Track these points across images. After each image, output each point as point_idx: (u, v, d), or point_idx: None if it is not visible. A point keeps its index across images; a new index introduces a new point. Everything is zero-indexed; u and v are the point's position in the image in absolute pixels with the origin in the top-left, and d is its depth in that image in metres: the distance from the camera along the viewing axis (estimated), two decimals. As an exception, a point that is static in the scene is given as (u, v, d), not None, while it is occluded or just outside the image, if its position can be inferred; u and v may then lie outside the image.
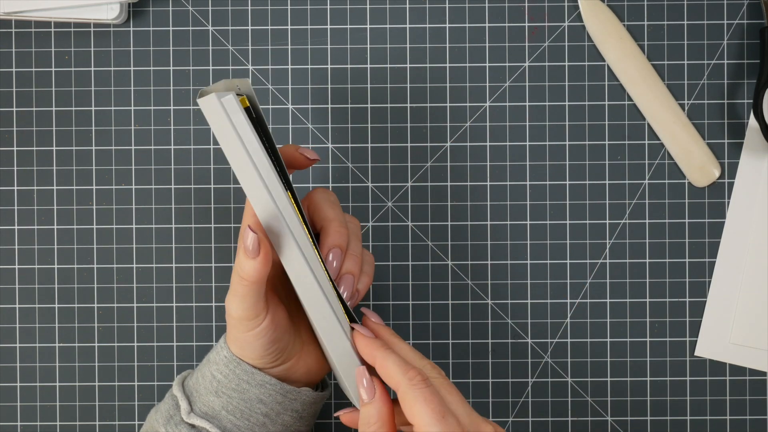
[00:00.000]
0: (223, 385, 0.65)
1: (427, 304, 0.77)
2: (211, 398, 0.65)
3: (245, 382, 0.64)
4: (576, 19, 0.77)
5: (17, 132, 0.78)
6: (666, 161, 0.77)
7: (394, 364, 0.58)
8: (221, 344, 0.66)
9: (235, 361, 0.64)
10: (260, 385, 0.64)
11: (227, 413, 0.65)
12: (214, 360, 0.66)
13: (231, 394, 0.65)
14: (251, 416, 0.65)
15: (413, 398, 0.57)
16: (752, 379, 0.77)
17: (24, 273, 0.77)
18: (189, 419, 0.65)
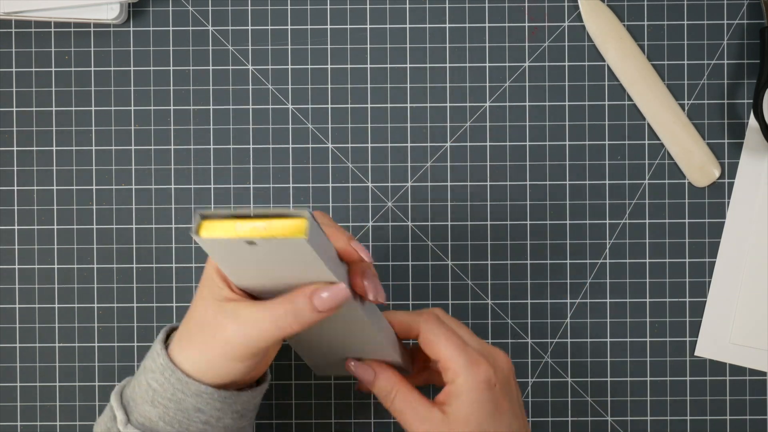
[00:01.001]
0: (159, 394, 0.61)
1: (427, 304, 0.77)
2: (147, 408, 0.62)
3: (180, 391, 0.61)
4: (576, 19, 0.77)
5: (17, 132, 0.78)
6: (666, 161, 0.77)
7: (404, 314, 0.65)
8: (158, 350, 0.62)
9: (170, 369, 0.61)
10: (196, 395, 0.61)
11: (165, 424, 0.61)
12: (150, 368, 0.62)
13: (167, 404, 0.61)
14: (190, 425, 0.62)
15: (435, 337, 0.63)
16: (752, 379, 0.77)
17: (24, 273, 0.77)
18: (125, 430, 0.62)
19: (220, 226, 0.55)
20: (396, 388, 0.64)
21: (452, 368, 0.62)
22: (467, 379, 0.62)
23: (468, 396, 0.62)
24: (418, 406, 0.63)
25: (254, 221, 0.55)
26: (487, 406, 0.62)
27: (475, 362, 0.62)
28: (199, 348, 0.60)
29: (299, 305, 0.58)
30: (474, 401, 0.62)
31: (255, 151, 0.77)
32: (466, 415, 0.62)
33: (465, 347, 0.63)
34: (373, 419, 0.77)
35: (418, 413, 0.63)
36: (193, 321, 0.61)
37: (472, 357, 0.62)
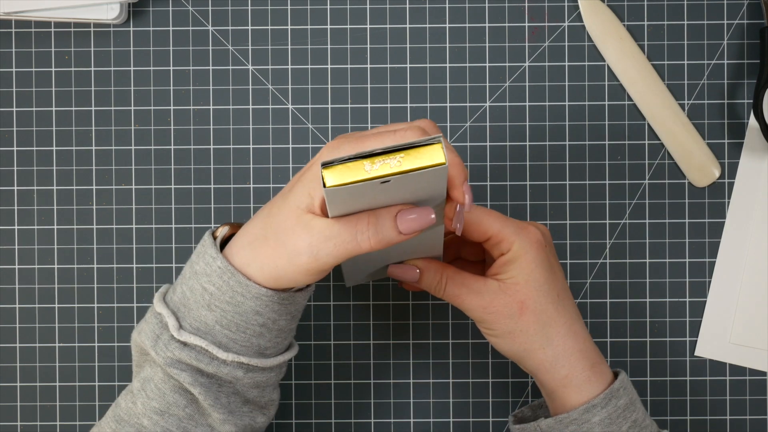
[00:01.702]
0: (216, 297, 0.61)
1: (427, 304, 0.77)
2: (203, 312, 0.61)
3: (240, 294, 0.61)
4: (576, 19, 0.77)
5: (17, 132, 0.78)
6: (666, 161, 0.77)
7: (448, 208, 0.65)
8: (212, 253, 0.61)
9: (230, 272, 0.60)
10: (256, 297, 0.61)
11: (221, 327, 0.61)
12: (204, 272, 0.61)
13: (225, 308, 0.61)
14: (247, 328, 0.62)
15: (478, 217, 0.64)
16: (752, 379, 0.77)
17: (24, 273, 0.77)
18: (180, 336, 0.61)
19: (347, 170, 0.53)
20: (444, 275, 0.65)
21: (505, 238, 0.64)
22: (522, 244, 0.64)
23: (526, 258, 0.64)
24: (472, 283, 0.65)
25: (383, 158, 0.53)
26: (545, 263, 0.65)
27: (524, 227, 0.65)
28: (268, 254, 0.60)
29: (384, 226, 0.58)
30: (532, 261, 0.64)
31: (255, 151, 0.77)
32: (526, 276, 0.64)
33: (508, 219, 0.65)
34: (373, 419, 0.77)
35: (472, 289, 0.65)
36: (269, 227, 0.60)
37: (520, 224, 0.65)
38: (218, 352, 0.61)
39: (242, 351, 0.62)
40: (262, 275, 0.60)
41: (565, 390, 0.65)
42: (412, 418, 0.77)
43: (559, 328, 0.65)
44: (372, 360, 0.77)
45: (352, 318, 0.77)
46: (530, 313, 0.65)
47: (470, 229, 0.65)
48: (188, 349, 0.61)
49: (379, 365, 0.77)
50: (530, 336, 0.65)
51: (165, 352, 0.61)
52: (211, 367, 0.61)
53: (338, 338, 0.77)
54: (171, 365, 0.61)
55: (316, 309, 0.77)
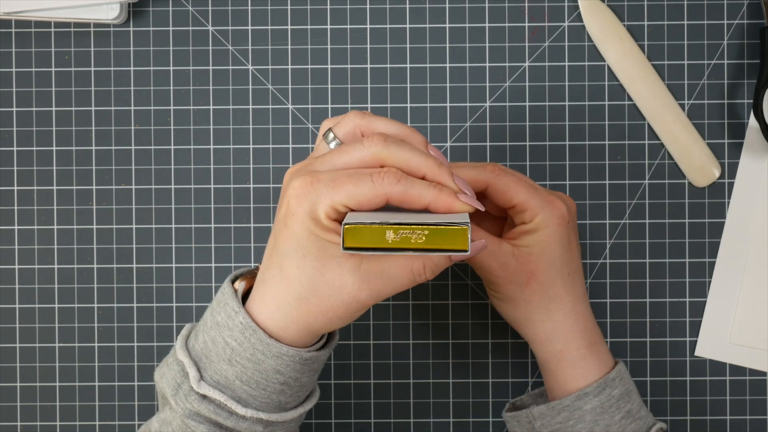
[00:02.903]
0: (237, 353, 0.59)
1: (427, 304, 0.77)
2: (223, 366, 0.59)
3: (260, 352, 0.59)
4: (576, 19, 0.77)
5: (17, 132, 0.78)
6: (666, 161, 0.77)
7: (467, 167, 0.66)
8: (235, 308, 0.59)
9: (251, 329, 0.58)
10: (277, 357, 0.59)
11: (241, 383, 0.59)
12: (226, 325, 0.60)
13: (246, 364, 0.59)
14: (268, 386, 0.60)
15: (504, 184, 0.65)
16: (752, 379, 0.77)
17: (24, 273, 0.77)
18: (200, 389, 0.59)
19: (368, 233, 0.54)
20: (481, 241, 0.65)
21: (530, 208, 0.65)
22: (545, 216, 0.65)
23: (546, 231, 0.65)
24: (489, 243, 0.65)
25: (407, 228, 0.53)
26: (563, 240, 0.65)
27: (551, 201, 0.65)
28: (308, 311, 0.58)
29: (438, 261, 0.58)
30: (550, 236, 0.65)
31: (255, 151, 0.77)
32: (543, 248, 0.65)
33: (537, 189, 0.66)
34: (373, 419, 0.77)
35: (487, 249, 0.65)
36: (299, 286, 0.57)
37: (547, 196, 0.65)
38: (237, 407, 0.59)
39: (262, 407, 0.60)
40: (285, 330, 0.59)
41: (559, 364, 0.66)
42: (412, 418, 0.77)
43: (562, 305, 0.66)
44: (372, 360, 0.77)
45: (352, 318, 0.77)
46: (537, 285, 0.65)
47: (496, 195, 0.65)
48: (207, 402, 0.60)
49: (379, 365, 0.77)
50: (533, 307, 0.66)
51: (184, 403, 0.60)
52: (229, 421, 0.60)
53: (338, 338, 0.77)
54: (189, 417, 0.60)
55: (316, 309, 0.77)
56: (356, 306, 0.57)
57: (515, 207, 0.65)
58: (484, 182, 0.65)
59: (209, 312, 0.61)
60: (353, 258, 0.57)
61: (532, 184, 0.66)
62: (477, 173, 0.65)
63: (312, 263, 0.57)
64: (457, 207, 0.56)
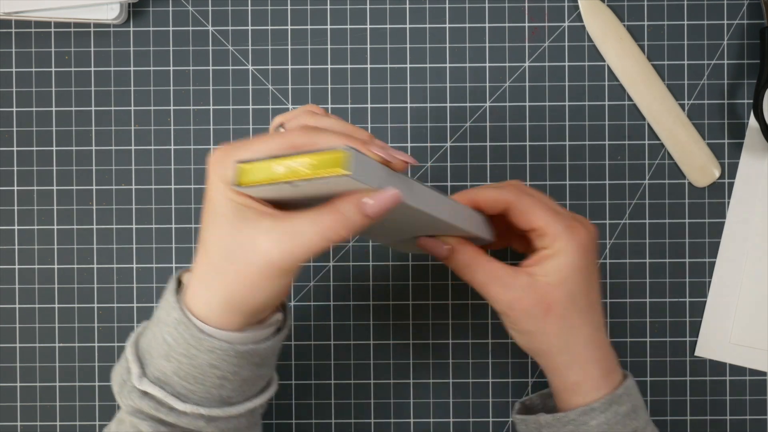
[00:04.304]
0: (173, 349, 0.58)
1: (427, 304, 0.77)
2: (162, 362, 0.59)
3: (193, 347, 0.58)
4: (576, 19, 0.77)
5: (17, 132, 0.78)
6: (666, 161, 0.77)
7: (487, 190, 0.64)
8: (171, 303, 0.59)
9: (184, 324, 0.58)
10: (210, 351, 0.58)
11: (179, 379, 0.59)
12: (164, 320, 0.59)
13: (181, 360, 0.58)
14: (205, 380, 0.59)
15: (525, 206, 0.63)
16: (752, 379, 0.77)
17: (24, 273, 0.77)
18: (141, 385, 0.59)
19: (258, 169, 0.53)
20: (475, 260, 0.64)
21: (550, 233, 0.62)
22: (567, 244, 0.62)
23: (566, 259, 0.62)
24: (502, 275, 0.63)
25: (291, 159, 0.52)
26: (584, 270, 0.63)
27: (573, 227, 0.63)
28: (226, 281, 0.57)
29: (348, 214, 0.55)
30: (571, 264, 0.62)
31: (255, 151, 0.77)
32: (561, 278, 0.62)
33: (559, 213, 0.63)
34: (373, 419, 0.77)
35: (501, 281, 0.63)
36: (216, 254, 0.56)
37: (569, 222, 0.63)
38: (177, 403, 0.59)
39: (202, 402, 0.60)
40: (219, 312, 0.58)
41: (572, 395, 0.65)
42: (412, 418, 0.77)
43: (579, 337, 0.64)
44: (372, 360, 0.77)
45: (352, 318, 0.77)
46: (555, 317, 0.63)
47: (517, 216, 0.63)
48: (148, 398, 0.59)
49: (379, 365, 0.77)
50: (550, 339, 0.64)
51: (127, 400, 0.60)
52: (170, 417, 0.59)
53: (338, 338, 0.77)
54: (133, 414, 0.60)
55: (316, 309, 0.77)
56: (271, 270, 0.55)
57: (535, 230, 0.63)
58: (505, 203, 0.64)
59: (156, 308, 0.61)
60: (266, 219, 0.55)
61: (554, 207, 0.64)
62: (498, 194, 0.64)
63: (227, 229, 0.56)
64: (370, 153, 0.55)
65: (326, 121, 0.59)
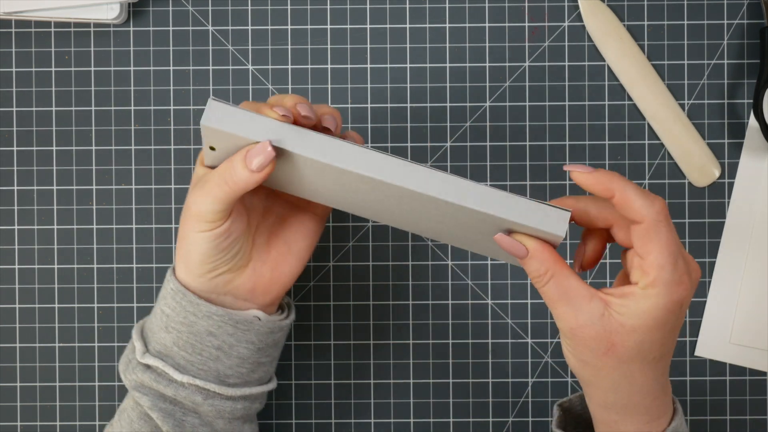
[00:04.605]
0: (172, 319, 0.62)
1: (427, 304, 0.77)
2: (162, 335, 0.63)
3: (192, 314, 0.62)
4: (576, 19, 0.77)
5: (17, 132, 0.78)
6: (666, 161, 0.77)
7: (637, 195, 0.56)
8: (168, 276, 0.64)
9: (181, 292, 0.62)
10: (207, 316, 0.62)
11: (179, 349, 0.62)
12: (162, 295, 0.64)
13: (180, 329, 0.62)
14: (203, 350, 0.62)
15: (656, 235, 0.55)
16: (752, 379, 0.77)
17: (24, 273, 0.77)
18: (143, 359, 0.63)
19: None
20: (551, 270, 0.57)
21: (654, 277, 0.55)
22: (661, 297, 0.55)
23: (652, 310, 0.56)
24: (575, 296, 0.57)
25: None
26: (664, 326, 0.56)
27: (680, 282, 0.55)
28: (180, 246, 0.62)
29: (236, 163, 0.58)
30: (654, 317, 0.56)
31: (255, 151, 0.77)
32: (637, 325, 0.56)
33: (677, 261, 0.56)
34: (373, 419, 0.77)
35: (573, 303, 0.57)
36: (181, 218, 0.62)
37: (679, 276, 0.56)
38: (174, 373, 0.62)
39: (199, 374, 0.63)
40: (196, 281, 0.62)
41: (609, 430, 0.61)
42: (412, 418, 0.77)
43: (635, 385, 0.58)
44: (372, 360, 0.77)
45: (352, 318, 0.77)
46: (614, 358, 0.57)
47: (640, 242, 0.56)
48: (150, 371, 0.63)
49: (379, 365, 0.78)
50: (602, 375, 0.58)
51: (132, 375, 0.63)
52: (169, 389, 0.62)
53: (338, 338, 0.77)
54: (136, 389, 0.63)
55: (316, 309, 0.77)
56: (194, 221, 0.60)
57: (644, 264, 0.56)
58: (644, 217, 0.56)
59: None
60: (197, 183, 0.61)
61: (675, 249, 0.56)
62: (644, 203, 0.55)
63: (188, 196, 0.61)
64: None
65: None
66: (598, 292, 0.57)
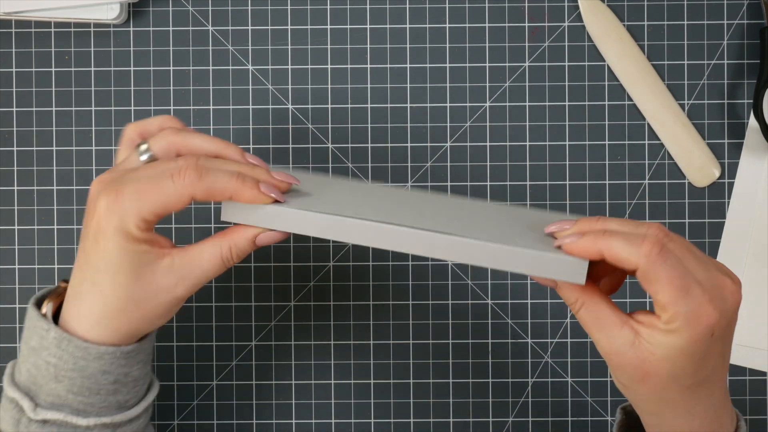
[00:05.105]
0: (60, 368, 0.59)
1: (427, 304, 0.77)
2: (52, 386, 0.59)
3: (82, 359, 0.59)
4: (576, 19, 0.77)
5: (17, 132, 0.78)
6: (666, 161, 0.77)
7: (622, 245, 0.55)
8: (44, 326, 0.59)
9: (66, 339, 0.59)
10: (98, 357, 0.59)
11: (74, 395, 0.60)
12: (41, 346, 0.60)
13: (72, 375, 0.59)
14: (100, 389, 0.60)
15: (655, 275, 0.54)
16: (752, 379, 0.77)
17: (24, 273, 0.77)
18: (37, 416, 0.59)
19: None
20: (581, 299, 0.57)
21: (672, 313, 0.54)
22: (684, 332, 0.54)
23: (678, 343, 0.55)
24: (607, 324, 0.56)
25: None
26: (694, 356, 0.55)
27: (700, 314, 0.54)
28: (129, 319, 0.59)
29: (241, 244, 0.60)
30: (682, 349, 0.55)
31: (255, 151, 0.77)
32: (666, 356, 0.55)
33: (690, 291, 0.54)
34: (373, 419, 0.77)
35: (605, 330, 0.56)
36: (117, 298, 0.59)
37: (697, 306, 0.54)
38: (79, 420, 0.60)
39: (102, 412, 0.61)
40: (100, 328, 0.59)
41: None
42: (412, 418, 0.77)
43: (677, 410, 0.58)
44: (372, 360, 0.77)
45: (352, 318, 0.77)
46: (650, 386, 0.56)
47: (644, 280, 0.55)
48: (49, 425, 0.60)
49: (379, 365, 0.77)
50: (643, 400, 0.58)
51: None
52: None
53: (338, 338, 0.77)
54: None
55: (316, 309, 0.77)
56: (175, 302, 0.60)
57: (656, 302, 0.55)
58: (635, 264, 0.54)
59: (23, 342, 0.61)
60: (164, 260, 0.59)
61: (690, 278, 0.54)
62: (630, 252, 0.54)
63: (127, 276, 0.58)
64: (260, 199, 0.58)
65: (195, 140, 0.60)
66: (629, 318, 0.56)
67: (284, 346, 0.77)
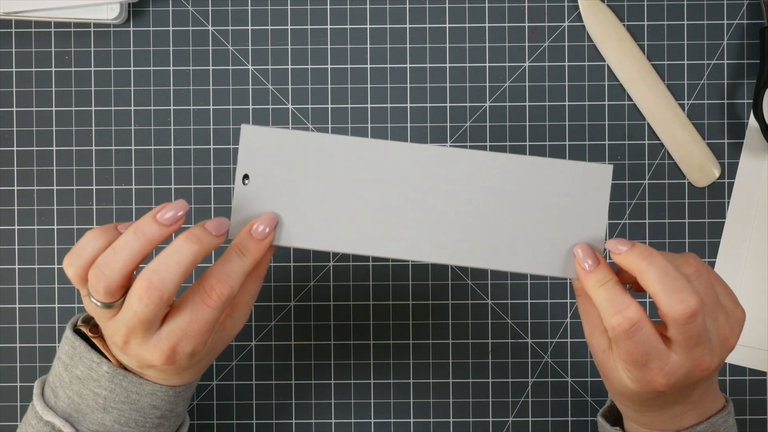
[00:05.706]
0: (111, 400, 0.61)
1: (427, 304, 0.77)
2: (99, 415, 0.61)
3: (135, 393, 0.61)
4: (576, 19, 0.77)
5: (17, 132, 0.78)
6: (666, 161, 0.77)
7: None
8: (95, 359, 0.61)
9: (121, 374, 0.61)
10: (151, 393, 0.62)
11: (120, 426, 0.61)
12: (89, 377, 0.61)
13: (122, 407, 0.61)
14: (146, 422, 0.62)
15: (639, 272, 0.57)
16: (752, 379, 0.77)
17: (24, 273, 0.77)
18: None
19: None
20: (581, 289, 0.60)
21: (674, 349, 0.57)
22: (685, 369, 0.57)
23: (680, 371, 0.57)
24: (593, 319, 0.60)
25: None
26: (701, 384, 0.59)
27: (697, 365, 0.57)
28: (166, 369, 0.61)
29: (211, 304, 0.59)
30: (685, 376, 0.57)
31: (255, 151, 0.77)
32: (619, 381, 0.59)
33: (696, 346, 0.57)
34: (373, 419, 0.77)
35: (588, 325, 0.60)
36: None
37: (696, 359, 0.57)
38: None
39: None
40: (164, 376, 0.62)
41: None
42: (412, 418, 0.77)
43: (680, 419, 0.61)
44: (372, 360, 0.77)
45: (352, 318, 0.77)
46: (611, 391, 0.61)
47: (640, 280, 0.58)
48: None
49: (379, 365, 0.77)
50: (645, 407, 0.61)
51: None
52: None
53: (338, 338, 0.77)
54: None
55: (316, 309, 0.77)
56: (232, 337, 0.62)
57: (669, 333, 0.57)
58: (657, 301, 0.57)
59: (62, 367, 0.62)
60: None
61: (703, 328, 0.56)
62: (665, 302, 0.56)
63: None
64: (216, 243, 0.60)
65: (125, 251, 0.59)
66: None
67: (284, 346, 0.77)
